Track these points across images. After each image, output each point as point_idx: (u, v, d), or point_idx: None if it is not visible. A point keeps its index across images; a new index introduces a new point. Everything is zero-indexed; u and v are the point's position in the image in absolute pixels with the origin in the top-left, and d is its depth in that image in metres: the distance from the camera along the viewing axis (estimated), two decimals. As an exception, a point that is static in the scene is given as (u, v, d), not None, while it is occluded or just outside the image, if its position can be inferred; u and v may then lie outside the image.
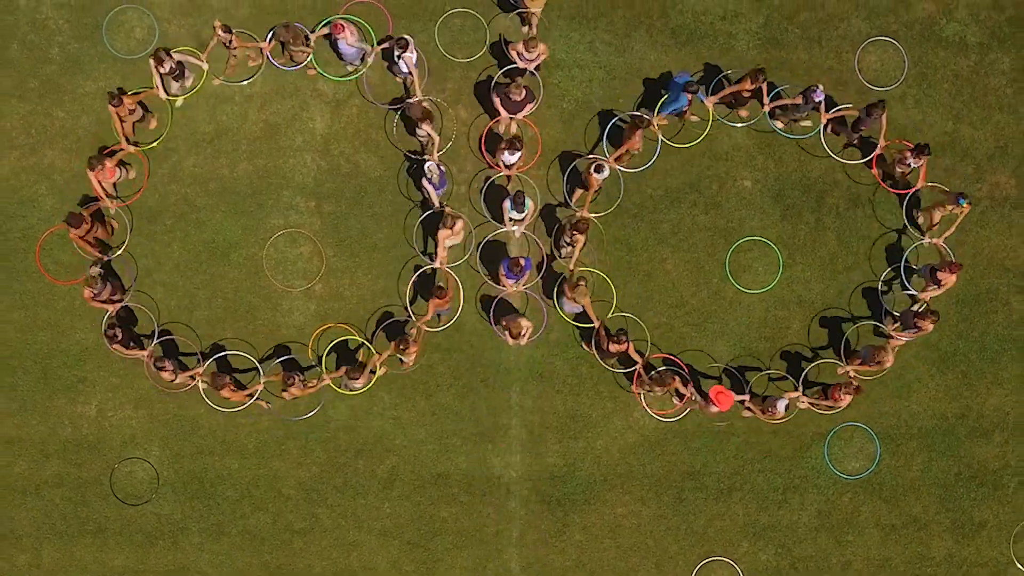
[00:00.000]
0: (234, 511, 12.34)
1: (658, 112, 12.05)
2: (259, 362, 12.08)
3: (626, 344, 11.45)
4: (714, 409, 11.62)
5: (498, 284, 12.12)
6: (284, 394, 11.43)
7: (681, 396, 12.07)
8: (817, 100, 11.67)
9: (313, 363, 12.18)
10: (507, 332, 11.65)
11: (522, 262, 11.46)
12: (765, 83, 11.74)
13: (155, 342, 11.92)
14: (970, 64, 12.80)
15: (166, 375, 11.36)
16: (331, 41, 12.01)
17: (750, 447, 12.42)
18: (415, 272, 12.20)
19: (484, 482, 12.44)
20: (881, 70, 12.73)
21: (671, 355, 12.24)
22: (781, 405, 11.58)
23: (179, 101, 12.21)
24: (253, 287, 12.36)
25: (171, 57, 11.40)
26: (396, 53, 11.49)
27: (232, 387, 11.45)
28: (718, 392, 11.62)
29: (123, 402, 12.30)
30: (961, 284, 12.47)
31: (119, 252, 12.05)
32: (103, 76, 12.43)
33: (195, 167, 12.41)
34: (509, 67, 12.19)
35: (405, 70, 11.75)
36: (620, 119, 12.38)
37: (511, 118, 11.95)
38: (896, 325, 12.00)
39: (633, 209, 12.45)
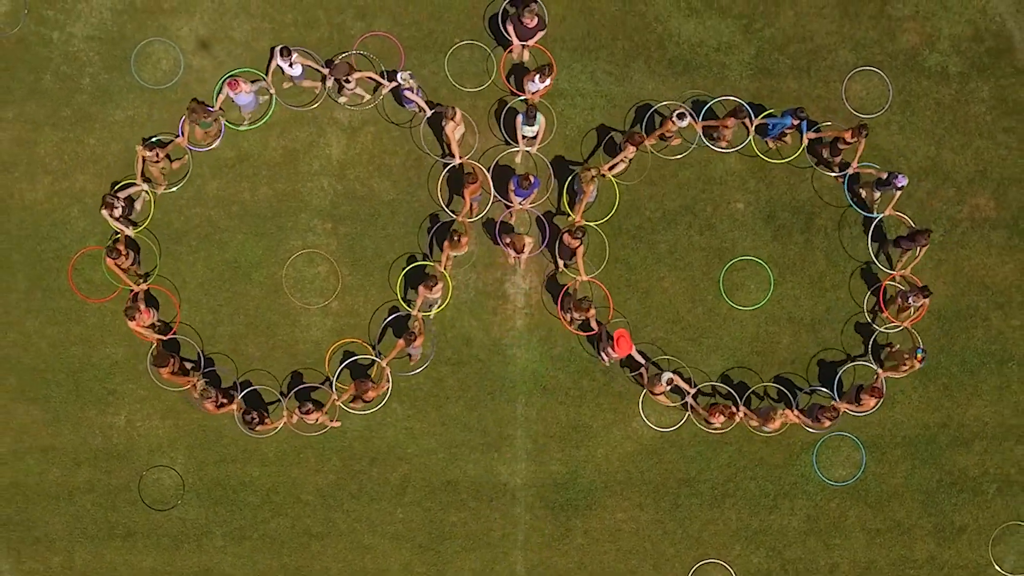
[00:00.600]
0: (255, 516, 12.82)
1: (769, 132, 12.63)
2: (327, 385, 12.67)
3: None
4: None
5: (507, 201, 12.59)
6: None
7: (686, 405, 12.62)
8: (899, 186, 12.06)
9: (324, 382, 12.74)
10: (511, 248, 12.12)
11: (531, 178, 11.99)
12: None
13: (201, 373, 12.49)
14: (951, 93, 13.28)
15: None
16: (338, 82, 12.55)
17: (742, 455, 12.91)
18: (408, 263, 12.79)
19: (491, 489, 12.91)
20: (867, 98, 13.21)
21: (672, 357, 12.83)
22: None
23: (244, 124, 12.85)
24: (273, 304, 12.87)
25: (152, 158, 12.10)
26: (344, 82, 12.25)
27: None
28: (620, 336, 12.08)
29: (150, 413, 12.77)
30: (943, 301, 12.98)
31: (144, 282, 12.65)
32: (131, 105, 12.92)
33: (218, 191, 12.90)
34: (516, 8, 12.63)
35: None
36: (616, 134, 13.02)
37: (524, 45, 12.50)
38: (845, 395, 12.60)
39: (632, 230, 12.99)
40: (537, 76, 12.22)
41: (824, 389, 12.82)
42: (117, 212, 12.12)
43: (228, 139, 12.88)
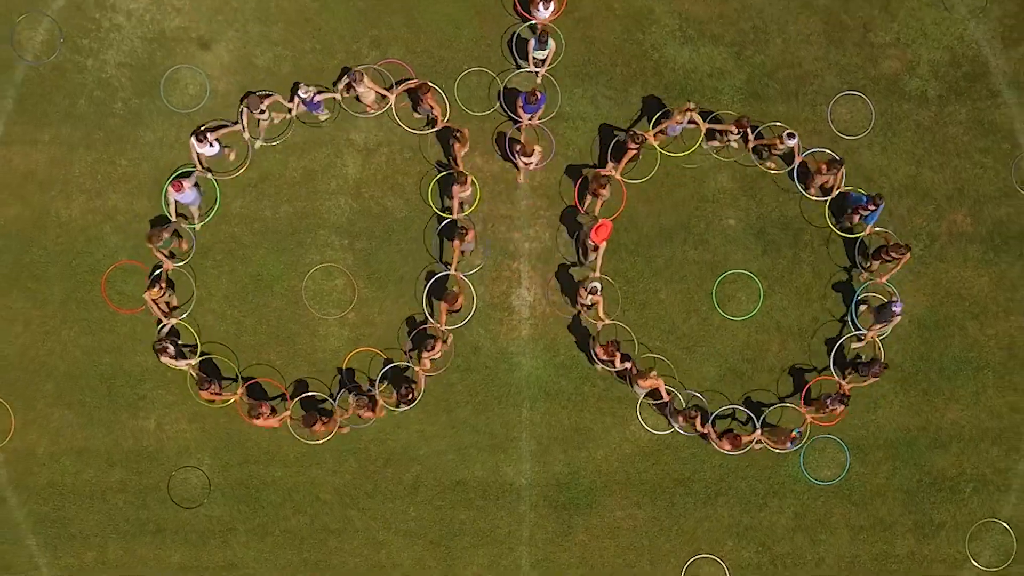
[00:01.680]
0: (277, 514, 13.37)
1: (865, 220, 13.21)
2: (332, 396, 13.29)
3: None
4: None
5: (515, 117, 13.16)
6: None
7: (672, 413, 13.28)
8: (896, 312, 12.64)
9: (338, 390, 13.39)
10: (520, 156, 12.65)
11: (538, 94, 12.52)
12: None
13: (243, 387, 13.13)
14: (930, 115, 13.83)
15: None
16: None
17: (733, 457, 13.45)
18: (428, 280, 13.37)
19: (498, 488, 13.47)
20: (851, 121, 13.78)
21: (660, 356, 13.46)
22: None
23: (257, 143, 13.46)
24: (293, 315, 13.48)
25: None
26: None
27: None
28: (599, 225, 12.63)
29: (178, 417, 13.33)
30: (923, 311, 13.56)
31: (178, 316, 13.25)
32: (161, 128, 13.52)
33: (242, 209, 13.50)
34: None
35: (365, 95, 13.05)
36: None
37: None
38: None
39: (631, 245, 13.61)
40: (541, 3, 12.82)
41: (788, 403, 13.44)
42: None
43: (251, 160, 13.52)
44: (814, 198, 13.57)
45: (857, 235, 13.48)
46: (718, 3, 13.88)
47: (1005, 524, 13.61)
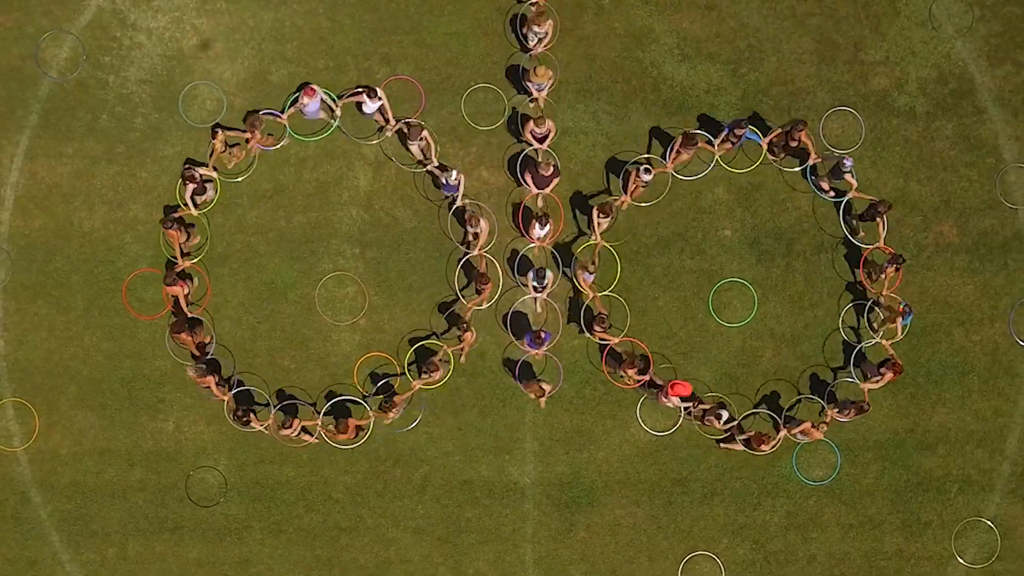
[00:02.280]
0: (290, 512, 13.79)
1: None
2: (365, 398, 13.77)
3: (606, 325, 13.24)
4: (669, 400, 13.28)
5: (523, 347, 13.65)
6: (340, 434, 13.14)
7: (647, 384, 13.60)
8: (847, 167, 13.20)
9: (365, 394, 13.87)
10: (531, 394, 13.27)
11: (542, 335, 13.08)
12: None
13: (276, 409, 13.60)
14: (918, 130, 14.24)
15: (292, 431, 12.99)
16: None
17: (729, 457, 13.88)
18: (459, 262, 13.83)
19: (503, 487, 13.89)
20: (842, 135, 14.20)
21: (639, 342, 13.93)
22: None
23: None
24: (307, 321, 13.91)
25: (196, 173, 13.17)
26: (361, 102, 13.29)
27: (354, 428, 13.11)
28: (674, 384, 13.14)
29: (196, 419, 13.77)
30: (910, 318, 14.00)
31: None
32: (179, 142, 13.95)
33: (257, 219, 13.93)
34: (532, 148, 13.71)
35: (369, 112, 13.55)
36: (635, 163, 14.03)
37: (539, 193, 13.58)
38: (834, 410, 13.48)
39: (630, 255, 14.01)
40: (537, 224, 13.24)
41: (813, 397, 13.88)
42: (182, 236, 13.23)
43: (266, 172, 14.00)
44: (828, 198, 14.00)
45: (868, 245, 13.90)
46: (715, 23, 14.36)
47: (989, 523, 14.03)
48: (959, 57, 14.42)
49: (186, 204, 13.42)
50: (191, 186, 13.16)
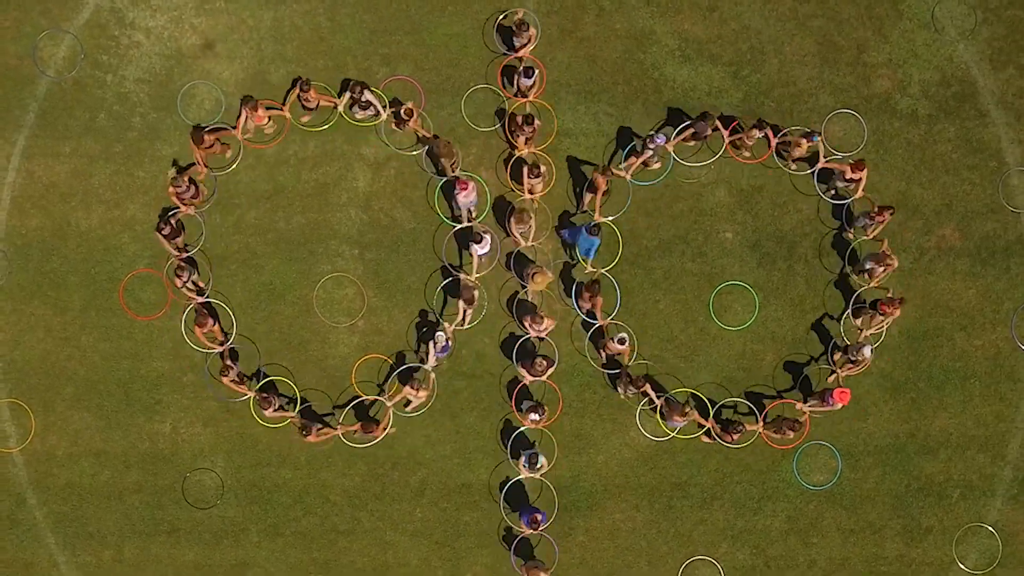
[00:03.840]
0: (288, 514, 13.75)
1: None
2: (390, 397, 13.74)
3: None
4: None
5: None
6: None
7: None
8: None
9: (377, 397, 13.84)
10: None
11: (539, 517, 12.92)
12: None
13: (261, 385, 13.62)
14: (920, 133, 14.24)
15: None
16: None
17: (729, 462, 13.87)
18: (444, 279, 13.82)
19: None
20: (844, 138, 14.17)
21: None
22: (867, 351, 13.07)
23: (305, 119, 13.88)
24: (305, 323, 13.88)
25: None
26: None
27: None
28: (841, 392, 13.00)
29: (193, 421, 13.73)
30: (912, 322, 13.94)
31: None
32: (177, 141, 13.91)
33: (255, 220, 13.91)
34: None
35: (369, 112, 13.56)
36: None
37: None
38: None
39: (630, 257, 13.99)
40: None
41: (786, 398, 13.85)
42: (166, 232, 13.11)
43: (264, 173, 13.96)
44: (832, 201, 13.99)
45: (856, 239, 13.96)
46: (716, 24, 14.32)
47: (991, 528, 14.00)
48: (962, 60, 14.39)
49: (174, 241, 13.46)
50: (166, 230, 13.16)
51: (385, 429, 13.43)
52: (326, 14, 14.21)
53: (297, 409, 13.60)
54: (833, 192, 14.04)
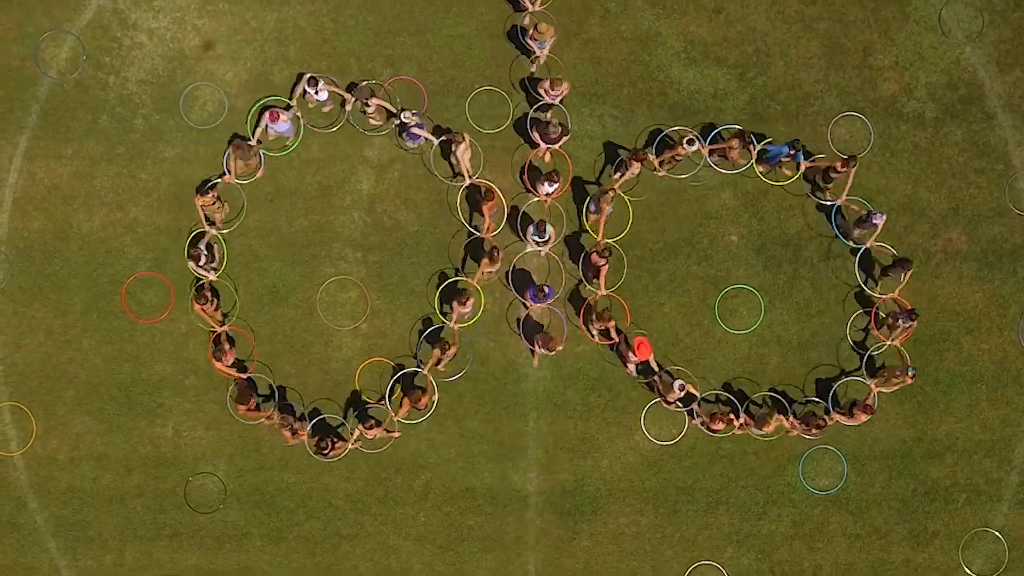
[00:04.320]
0: (291, 519, 13.68)
1: (768, 160, 13.65)
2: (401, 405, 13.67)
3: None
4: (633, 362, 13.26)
5: (525, 303, 13.60)
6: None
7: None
8: (875, 222, 13.21)
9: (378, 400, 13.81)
10: (539, 347, 13.13)
11: (546, 289, 13.03)
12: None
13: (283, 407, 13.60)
14: (927, 136, 14.22)
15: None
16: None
17: (734, 466, 13.83)
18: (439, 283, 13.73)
19: (505, 495, 13.78)
20: (850, 141, 14.15)
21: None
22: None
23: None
24: (308, 326, 13.82)
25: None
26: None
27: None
28: (640, 343, 13.11)
29: (195, 424, 13.66)
30: (919, 326, 13.72)
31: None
32: (180, 144, 13.87)
33: (259, 222, 13.83)
34: (539, 104, 13.67)
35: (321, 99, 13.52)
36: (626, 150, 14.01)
37: (548, 148, 13.56)
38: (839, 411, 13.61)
39: (635, 260, 13.92)
40: (547, 182, 13.28)
41: (819, 400, 13.77)
42: (202, 261, 13.14)
43: (268, 175, 13.89)
44: (828, 202, 13.93)
45: (859, 246, 13.85)
46: (722, 27, 14.27)
47: (997, 533, 13.95)
48: (968, 63, 14.37)
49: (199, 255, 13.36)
50: (198, 261, 13.23)
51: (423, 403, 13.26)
52: (330, 15, 14.15)
53: (309, 425, 13.49)
54: (839, 221, 14.00)
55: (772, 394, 13.90)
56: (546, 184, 13.41)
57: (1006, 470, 13.99)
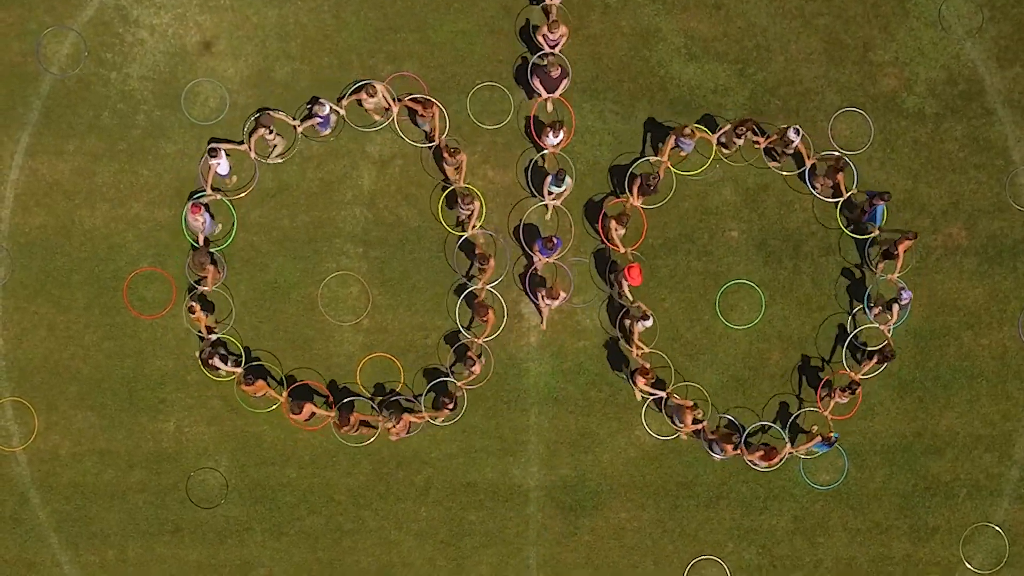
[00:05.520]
0: (292, 514, 13.72)
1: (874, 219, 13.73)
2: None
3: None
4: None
5: (533, 258, 13.57)
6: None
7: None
8: (904, 303, 13.26)
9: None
10: (544, 299, 13.12)
11: (554, 240, 13.04)
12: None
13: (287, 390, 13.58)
14: (927, 132, 14.22)
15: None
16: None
17: (735, 460, 13.76)
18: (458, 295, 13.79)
19: (506, 490, 13.82)
20: (851, 137, 14.15)
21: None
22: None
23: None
24: (309, 322, 13.84)
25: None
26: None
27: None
28: (632, 267, 13.15)
29: (197, 420, 13.70)
30: (919, 321, 13.91)
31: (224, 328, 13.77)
32: (181, 139, 13.89)
33: (260, 218, 13.87)
34: (541, 53, 13.67)
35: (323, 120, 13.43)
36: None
37: (549, 97, 13.56)
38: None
39: (636, 256, 14.00)
40: (551, 132, 13.34)
41: (774, 425, 13.86)
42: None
43: (270, 172, 13.91)
44: (824, 199, 13.96)
45: (868, 235, 13.86)
46: (722, 22, 14.29)
47: (998, 528, 13.97)
48: (968, 58, 14.37)
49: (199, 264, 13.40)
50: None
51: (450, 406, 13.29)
52: (331, 11, 14.18)
53: (336, 406, 13.54)
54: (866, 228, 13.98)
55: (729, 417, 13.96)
56: (551, 135, 13.41)
57: (1007, 465, 14.01)
